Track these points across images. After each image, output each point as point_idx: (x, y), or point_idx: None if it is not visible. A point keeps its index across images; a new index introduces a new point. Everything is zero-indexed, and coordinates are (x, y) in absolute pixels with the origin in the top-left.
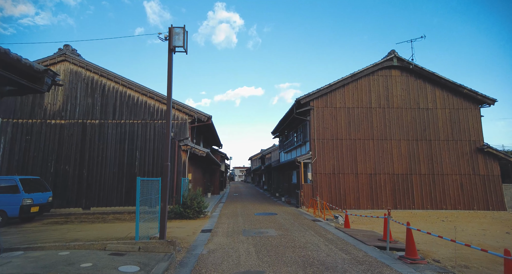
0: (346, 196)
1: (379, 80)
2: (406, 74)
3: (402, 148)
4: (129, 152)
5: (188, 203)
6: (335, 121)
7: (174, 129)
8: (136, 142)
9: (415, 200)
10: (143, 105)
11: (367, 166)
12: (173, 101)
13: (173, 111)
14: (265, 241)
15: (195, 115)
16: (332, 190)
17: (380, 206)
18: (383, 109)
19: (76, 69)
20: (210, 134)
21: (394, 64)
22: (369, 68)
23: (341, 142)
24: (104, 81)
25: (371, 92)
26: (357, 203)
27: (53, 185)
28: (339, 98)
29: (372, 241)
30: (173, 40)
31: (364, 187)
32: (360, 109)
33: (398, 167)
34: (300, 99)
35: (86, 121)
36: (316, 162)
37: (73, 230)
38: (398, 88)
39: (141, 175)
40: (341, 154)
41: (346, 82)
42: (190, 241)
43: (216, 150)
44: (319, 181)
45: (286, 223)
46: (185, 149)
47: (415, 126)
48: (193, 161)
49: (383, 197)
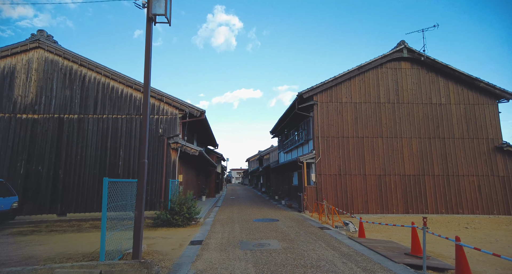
0: (353, 199)
1: (388, 73)
2: (417, 67)
3: (413, 146)
4: (112, 150)
5: (176, 209)
6: (340, 117)
7: (162, 124)
8: (120, 139)
9: (429, 204)
10: (128, 98)
11: (376, 166)
12: (162, 94)
13: (162, 104)
14: (267, 258)
15: (186, 109)
16: (338, 193)
17: (390, 210)
18: (392, 104)
19: (52, 58)
20: (204, 132)
21: (404, 55)
22: (377, 60)
23: (347, 140)
24: (84, 71)
25: (380, 86)
26: (365, 207)
27: (23, 189)
28: (345, 92)
29: (398, 256)
30: (153, 6)
31: (373, 190)
32: (367, 104)
33: (409, 168)
34: (302, 93)
35: (63, 115)
36: (320, 162)
37: (35, 243)
38: (409, 81)
39: (126, 177)
40: (347, 153)
41: (353, 75)
42: (174, 258)
43: (212, 151)
44: (324, 183)
45: (290, 232)
46: (175, 147)
47: (427, 123)
48: (185, 161)
49: (393, 201)
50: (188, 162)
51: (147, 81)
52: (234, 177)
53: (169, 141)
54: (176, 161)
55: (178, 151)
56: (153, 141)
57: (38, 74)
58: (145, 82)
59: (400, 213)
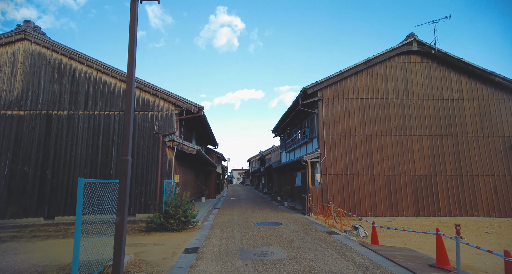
0: (361, 200)
1: (396, 67)
2: (427, 61)
3: (424, 145)
4: (103, 149)
5: (171, 212)
6: (347, 114)
7: (157, 121)
8: (113, 137)
9: (441, 206)
10: (121, 93)
11: (385, 166)
12: (157, 89)
13: (157, 100)
14: (271, 270)
15: (183, 105)
16: (345, 194)
17: (400, 212)
18: (401, 100)
19: (40, 50)
20: (203, 131)
21: (414, 48)
22: (385, 54)
23: (354, 138)
24: (74, 64)
25: (388, 81)
26: (374, 209)
27: (7, 191)
28: (351, 88)
29: (423, 268)
30: None
31: (381, 190)
32: (375, 100)
33: (420, 167)
34: (306, 88)
35: (51, 112)
36: (325, 161)
37: (10, 252)
38: (419, 76)
39: (118, 177)
40: (354, 152)
41: (360, 69)
42: (165, 270)
43: (212, 150)
44: (329, 184)
45: (295, 238)
46: (171, 145)
47: (438, 120)
48: (183, 161)
49: (404, 202)
50: (186, 162)
51: (131, 64)
52: (235, 178)
53: (165, 139)
54: (172, 160)
55: (174, 149)
56: (148, 139)
57: (24, 67)
58: (129, 66)
59: (410, 215)
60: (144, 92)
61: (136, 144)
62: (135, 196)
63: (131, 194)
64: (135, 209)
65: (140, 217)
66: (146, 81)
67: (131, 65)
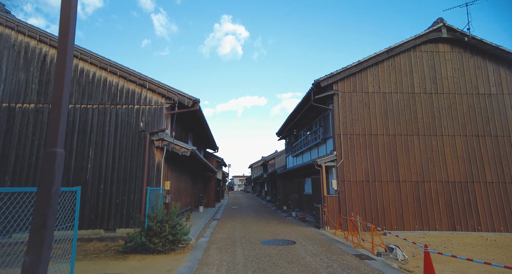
0: (385, 212)
1: (422, 57)
2: (458, 50)
3: (457, 146)
4: (79, 150)
5: (155, 228)
6: (367, 110)
7: (144, 117)
8: (90, 135)
9: (481, 219)
10: (101, 83)
11: (412, 171)
12: (144, 78)
13: (144, 91)
14: None
15: (175, 97)
16: (366, 204)
17: (432, 226)
18: (429, 94)
19: (2, 31)
20: (201, 132)
21: (443, 35)
22: (409, 41)
23: (375, 139)
24: (45, 49)
25: (413, 73)
26: (400, 221)
27: None
28: (371, 80)
29: None
30: None
31: (409, 200)
32: (399, 95)
33: (454, 173)
34: (320, 80)
35: (14, 104)
36: (342, 165)
37: None
38: (449, 67)
39: (96, 183)
40: (376, 155)
41: (380, 59)
42: None
43: (211, 154)
44: (348, 192)
45: (318, 266)
46: (159, 145)
47: (474, 117)
48: (176, 165)
49: (435, 214)
50: (180, 166)
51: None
52: (237, 185)
53: (153, 137)
54: (161, 163)
55: (164, 150)
56: (132, 138)
57: None
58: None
59: (444, 230)
60: (128, 82)
61: (118, 144)
62: (115, 207)
63: (110, 204)
64: (115, 223)
65: (121, 232)
66: (131, 68)
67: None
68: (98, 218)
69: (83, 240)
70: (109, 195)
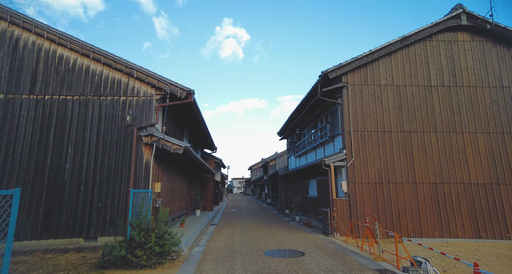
0: (401, 217)
1: (439, 47)
2: (479, 38)
3: (480, 144)
4: (56, 147)
5: (139, 239)
6: (379, 104)
7: (131, 109)
8: (70, 130)
9: (509, 225)
10: (83, 71)
11: (429, 171)
12: (131, 65)
13: (131, 80)
14: None
15: (166, 87)
16: (380, 208)
17: (454, 233)
18: (447, 88)
19: None
20: (197, 130)
21: (462, 23)
22: (425, 30)
23: (389, 136)
24: (17, 32)
25: (429, 64)
26: (418, 227)
27: None
28: (383, 72)
29: None
30: None
31: (427, 203)
32: (414, 88)
33: (477, 174)
34: (328, 71)
35: None
36: (353, 165)
37: None
38: (469, 58)
39: (76, 184)
40: (390, 154)
41: (394, 49)
42: None
43: (209, 155)
44: (359, 195)
45: None
46: (148, 142)
47: (498, 113)
48: (169, 165)
49: (457, 219)
50: (174, 167)
51: None
52: (236, 187)
53: (141, 133)
54: (150, 162)
55: (153, 147)
56: (118, 133)
57: None
58: None
59: (468, 237)
60: (114, 70)
61: (102, 140)
62: (97, 212)
63: (91, 209)
64: (96, 231)
65: (103, 241)
66: (116, 55)
67: None
68: (77, 225)
69: (57, 251)
70: (90, 198)
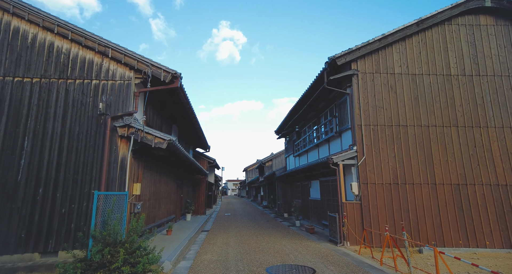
0: (419, 222)
1: (459, 32)
2: (504, 22)
3: (507, 140)
4: (7, 140)
5: (103, 257)
6: (393, 95)
7: (105, 95)
8: (27, 120)
9: None
10: (45, 49)
11: (450, 171)
12: (105, 43)
13: (105, 61)
14: None
15: (147, 69)
16: (395, 212)
17: (481, 242)
18: (469, 77)
19: None
20: (188, 124)
21: (486, 4)
22: (444, 12)
23: (404, 131)
24: None
25: (448, 51)
26: (439, 235)
27: None
28: (397, 59)
29: None
30: None
31: (448, 207)
32: (432, 77)
33: (505, 173)
34: (336, 57)
35: None
36: (365, 164)
37: None
38: (493, 44)
39: (34, 185)
40: (406, 151)
41: (409, 33)
42: None
43: (202, 154)
44: (372, 198)
45: None
46: (124, 134)
47: None
48: (152, 163)
49: (484, 226)
50: (160, 165)
51: None
52: (230, 189)
53: (116, 123)
54: (127, 158)
55: (131, 140)
56: (88, 123)
57: None
58: None
59: (498, 247)
60: (84, 49)
61: (68, 131)
62: (59, 220)
63: (52, 216)
64: (57, 243)
65: (64, 257)
66: (88, 31)
67: None
68: (32, 237)
69: (1, 271)
70: (51, 203)
